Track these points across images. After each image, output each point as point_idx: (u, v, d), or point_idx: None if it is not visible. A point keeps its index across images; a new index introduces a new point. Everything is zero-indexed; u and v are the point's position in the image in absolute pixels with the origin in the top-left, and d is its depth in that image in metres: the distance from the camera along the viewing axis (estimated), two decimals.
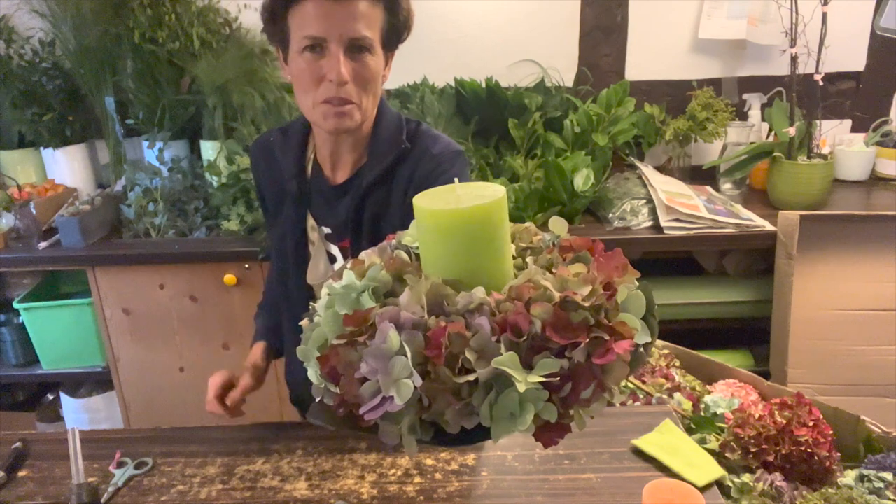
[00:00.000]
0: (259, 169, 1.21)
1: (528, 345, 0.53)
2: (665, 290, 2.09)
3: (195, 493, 1.01)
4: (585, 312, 0.54)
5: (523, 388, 0.51)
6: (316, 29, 0.94)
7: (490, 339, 0.52)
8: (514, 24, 2.27)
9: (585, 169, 2.00)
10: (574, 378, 0.53)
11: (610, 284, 0.57)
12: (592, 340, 0.54)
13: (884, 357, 1.87)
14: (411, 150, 1.09)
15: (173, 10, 2.02)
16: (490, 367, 0.51)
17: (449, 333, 0.52)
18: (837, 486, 1.11)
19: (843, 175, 2.28)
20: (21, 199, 2.02)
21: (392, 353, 0.52)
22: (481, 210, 0.57)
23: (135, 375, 2.07)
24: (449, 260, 0.58)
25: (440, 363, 0.51)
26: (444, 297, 0.55)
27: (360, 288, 0.58)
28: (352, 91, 0.99)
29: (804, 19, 1.95)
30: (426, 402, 0.53)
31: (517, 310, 0.53)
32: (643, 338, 0.58)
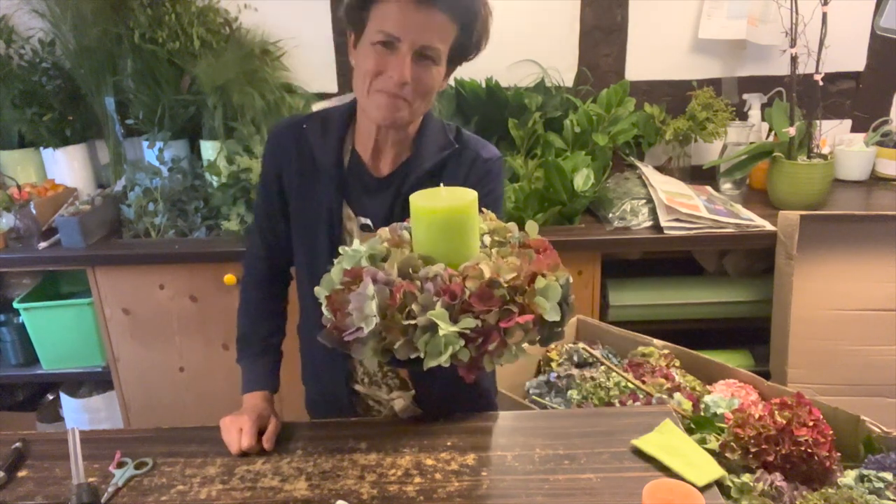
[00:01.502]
0: (285, 155, 1.17)
1: (459, 307, 0.76)
2: (665, 290, 2.10)
3: (195, 493, 1.01)
4: (503, 290, 0.77)
5: (442, 333, 0.74)
6: (393, 27, 0.98)
7: (432, 298, 0.76)
8: (514, 24, 2.26)
9: (585, 169, 2.00)
10: (485, 334, 0.76)
11: (534, 274, 0.79)
12: (503, 310, 0.77)
13: (884, 357, 1.87)
14: (461, 151, 1.14)
15: (173, 10, 2.02)
16: (426, 317, 0.75)
17: (404, 290, 0.77)
18: (837, 486, 1.11)
19: (843, 175, 2.28)
20: (21, 199, 2.02)
21: (367, 298, 0.77)
22: (452, 210, 0.81)
23: (135, 375, 2.07)
24: (429, 241, 0.82)
25: (394, 309, 0.76)
26: (412, 265, 0.80)
27: (362, 253, 0.83)
28: (408, 92, 1.02)
29: (804, 19, 1.96)
30: (384, 335, 0.77)
31: (456, 282, 0.77)
32: (552, 316, 0.78)
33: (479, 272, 0.77)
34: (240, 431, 1.09)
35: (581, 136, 2.13)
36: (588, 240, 1.94)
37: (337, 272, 0.82)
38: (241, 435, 1.09)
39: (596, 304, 2.01)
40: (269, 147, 1.19)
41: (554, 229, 1.99)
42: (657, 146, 2.33)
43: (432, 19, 0.99)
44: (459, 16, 1.01)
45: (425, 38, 0.99)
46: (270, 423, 1.13)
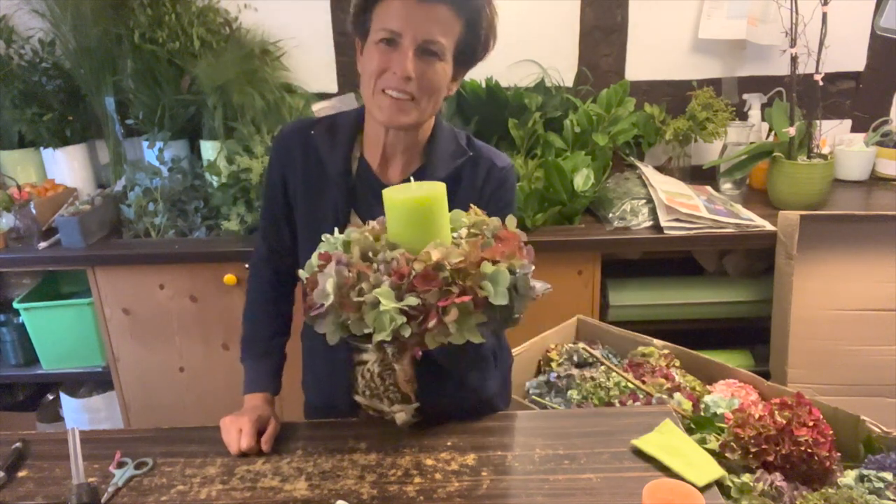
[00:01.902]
0: (291, 161, 1.16)
1: (406, 287, 0.81)
2: (665, 290, 2.10)
3: (195, 493, 1.01)
4: (447, 273, 0.82)
5: (383, 309, 0.80)
6: (394, 23, 0.99)
7: (382, 278, 0.82)
8: (514, 24, 2.26)
9: (585, 169, 2.00)
10: (424, 313, 0.81)
11: (484, 259, 0.83)
12: (443, 290, 0.81)
13: (884, 357, 1.87)
14: (475, 159, 1.13)
15: (173, 10, 2.02)
16: (372, 294, 0.81)
17: (358, 270, 0.83)
18: (837, 486, 1.11)
19: (843, 175, 2.28)
20: (21, 199, 2.02)
21: (329, 277, 0.83)
22: (418, 199, 0.86)
23: (135, 375, 2.07)
24: (399, 230, 0.88)
25: (348, 287, 0.83)
26: (372, 250, 0.87)
27: (339, 241, 0.91)
28: (413, 88, 1.01)
29: (804, 19, 1.96)
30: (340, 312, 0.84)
31: (405, 264, 0.82)
32: (499, 300, 0.82)
33: (427, 255, 0.82)
34: (239, 432, 1.09)
35: (581, 136, 2.13)
36: (588, 240, 1.94)
37: (315, 256, 0.89)
38: (241, 436, 1.09)
39: (596, 304, 2.01)
40: (274, 152, 1.18)
41: (554, 229, 1.99)
42: (657, 146, 2.33)
43: (434, 13, 0.99)
44: (463, 10, 1.01)
45: (427, 31, 0.99)
46: (270, 425, 1.12)
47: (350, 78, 2.32)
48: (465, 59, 1.07)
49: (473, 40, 1.05)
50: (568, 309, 1.85)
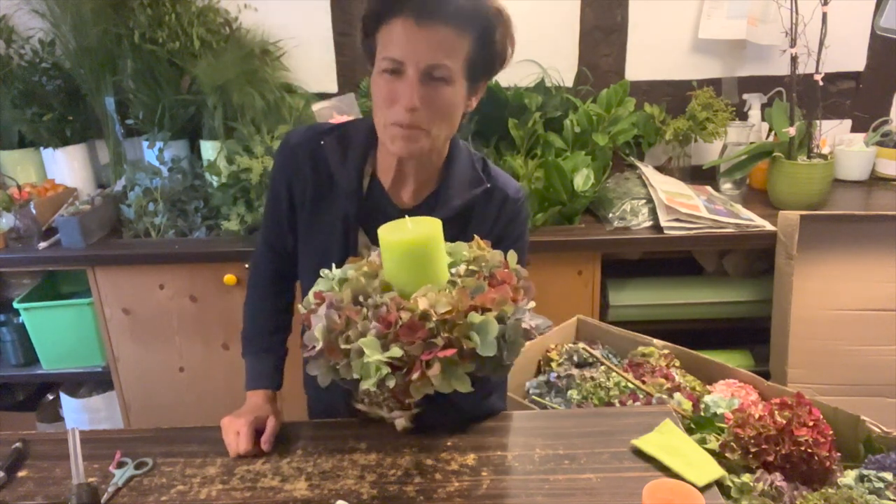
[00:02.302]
0: (299, 169, 1.11)
1: (393, 336, 0.80)
2: (665, 290, 2.10)
3: (195, 493, 1.01)
4: (433, 324, 0.80)
5: (366, 360, 0.79)
6: (396, 51, 0.95)
7: (369, 326, 0.81)
8: (514, 24, 2.26)
9: (585, 169, 2.00)
10: (409, 364, 0.80)
11: (474, 308, 0.82)
12: (427, 343, 0.80)
13: (884, 357, 1.87)
14: (491, 190, 1.10)
15: (173, 10, 2.02)
16: (357, 343, 0.80)
17: (346, 316, 0.82)
18: (837, 486, 1.11)
19: (843, 175, 2.28)
20: (21, 199, 2.02)
21: (320, 320, 0.83)
22: (412, 242, 0.85)
23: (135, 375, 2.07)
24: (393, 270, 0.87)
25: (336, 333, 0.82)
26: (363, 292, 0.86)
27: (336, 278, 0.89)
28: (422, 118, 0.97)
29: (804, 19, 1.96)
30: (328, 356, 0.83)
31: (392, 312, 0.81)
32: (486, 351, 0.80)
33: (414, 304, 0.81)
34: (237, 435, 1.09)
35: (581, 136, 2.13)
36: (588, 240, 1.94)
37: (311, 294, 0.88)
38: (239, 438, 1.08)
39: (596, 304, 2.01)
40: (281, 158, 1.14)
41: (554, 229, 1.99)
42: (657, 146, 2.33)
43: (436, 36, 0.94)
44: (469, 27, 0.96)
45: (430, 56, 0.94)
46: (268, 424, 1.11)
47: (350, 78, 2.32)
48: (480, 74, 1.02)
49: (487, 55, 1.00)
50: (568, 309, 1.85)
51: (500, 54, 1.02)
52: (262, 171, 1.96)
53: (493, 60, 1.02)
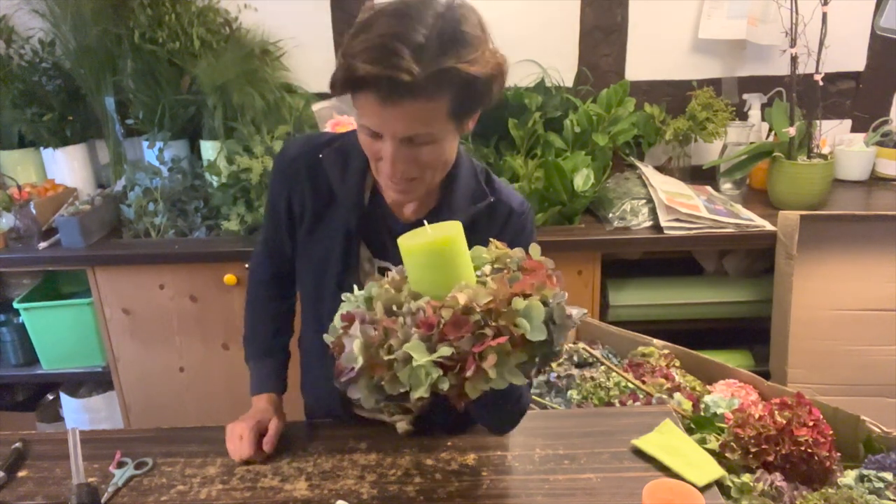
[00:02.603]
0: (298, 182, 1.08)
1: (437, 337, 0.76)
2: (665, 290, 2.10)
3: (195, 493, 1.01)
4: (478, 316, 0.76)
5: (416, 364, 0.75)
6: (370, 122, 0.90)
7: (410, 331, 0.77)
8: (514, 24, 2.26)
9: (585, 169, 2.00)
10: (461, 361, 0.75)
11: (515, 295, 0.78)
12: (477, 335, 0.76)
13: (884, 357, 1.87)
14: (494, 204, 1.07)
15: (173, 10, 2.02)
16: (402, 350, 0.75)
17: (384, 327, 0.78)
18: (837, 486, 1.11)
19: (843, 175, 2.28)
20: (21, 199, 2.02)
21: (355, 338, 0.78)
22: (433, 244, 0.81)
23: (135, 375, 2.07)
24: (419, 278, 0.83)
25: (376, 345, 0.78)
26: (395, 303, 0.82)
27: (360, 298, 0.85)
28: (412, 171, 0.93)
29: (804, 19, 1.96)
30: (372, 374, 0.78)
31: (432, 313, 0.77)
32: (536, 335, 0.76)
33: (454, 301, 0.77)
34: (240, 440, 1.08)
35: (581, 136, 2.13)
36: (588, 240, 1.94)
37: (338, 318, 0.84)
38: (241, 444, 1.08)
39: (596, 304, 2.01)
40: (280, 171, 1.11)
41: (554, 229, 1.99)
42: (657, 146, 2.33)
43: (406, 111, 0.86)
44: (443, 90, 0.86)
45: (405, 130, 0.89)
46: (271, 425, 1.11)
47: None
48: (468, 115, 0.95)
49: (472, 102, 0.92)
50: None
51: (488, 95, 0.93)
52: (262, 171, 1.96)
53: (481, 102, 0.94)
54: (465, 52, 0.87)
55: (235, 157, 2.01)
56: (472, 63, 0.87)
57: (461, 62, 0.86)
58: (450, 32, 0.87)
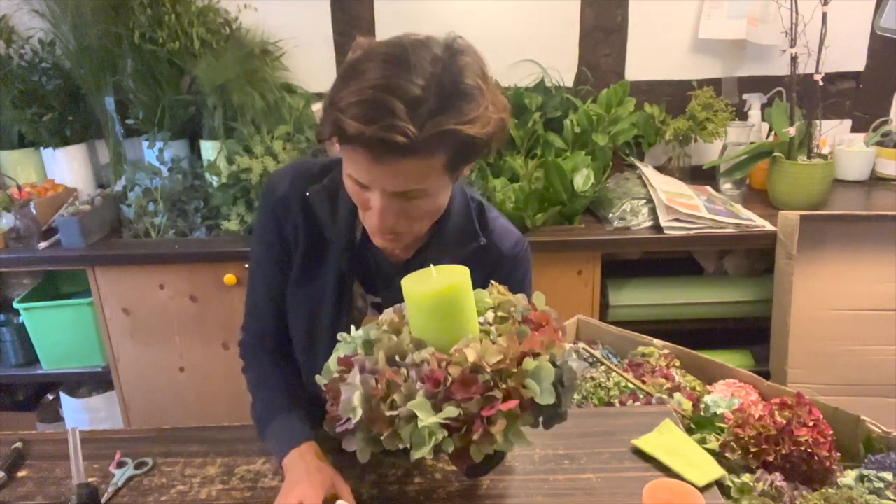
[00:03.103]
0: (290, 223, 1.02)
1: (443, 395, 0.72)
2: (665, 290, 2.10)
3: (195, 493, 1.01)
4: (487, 376, 0.73)
5: (422, 425, 0.71)
6: (359, 176, 0.84)
7: (415, 387, 0.73)
8: (514, 24, 2.26)
9: (585, 169, 2.00)
10: (468, 423, 0.72)
11: (525, 354, 0.75)
12: (486, 397, 0.72)
13: (884, 357, 1.87)
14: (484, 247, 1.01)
15: (173, 10, 2.02)
16: (407, 408, 0.72)
17: (387, 380, 0.73)
18: (837, 486, 1.11)
19: (843, 175, 2.28)
20: (21, 199, 2.02)
21: (355, 388, 0.74)
22: (441, 292, 0.77)
23: (135, 375, 2.07)
24: (422, 324, 0.79)
25: (377, 399, 0.73)
26: (399, 353, 0.77)
27: (358, 340, 0.81)
28: (400, 225, 0.88)
29: (804, 19, 1.96)
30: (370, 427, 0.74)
31: (439, 368, 0.73)
32: (545, 399, 0.73)
33: (462, 357, 0.73)
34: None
35: (581, 136, 2.13)
36: (588, 240, 1.94)
37: (333, 360, 0.80)
38: None
39: (596, 304, 2.01)
40: (270, 210, 1.03)
41: (554, 229, 1.99)
42: (657, 146, 2.33)
43: (399, 169, 0.80)
44: (439, 148, 0.80)
45: (398, 186, 0.83)
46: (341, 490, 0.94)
47: None
48: (463, 167, 0.89)
49: (468, 157, 0.86)
50: (568, 309, 1.85)
51: (487, 149, 0.87)
52: (262, 170, 1.96)
53: (479, 155, 0.89)
54: (467, 109, 0.79)
55: (235, 157, 2.01)
56: (473, 123, 0.80)
57: (462, 123, 0.79)
58: (450, 86, 0.79)
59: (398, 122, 0.76)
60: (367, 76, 0.78)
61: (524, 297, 0.85)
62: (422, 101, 0.77)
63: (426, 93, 0.77)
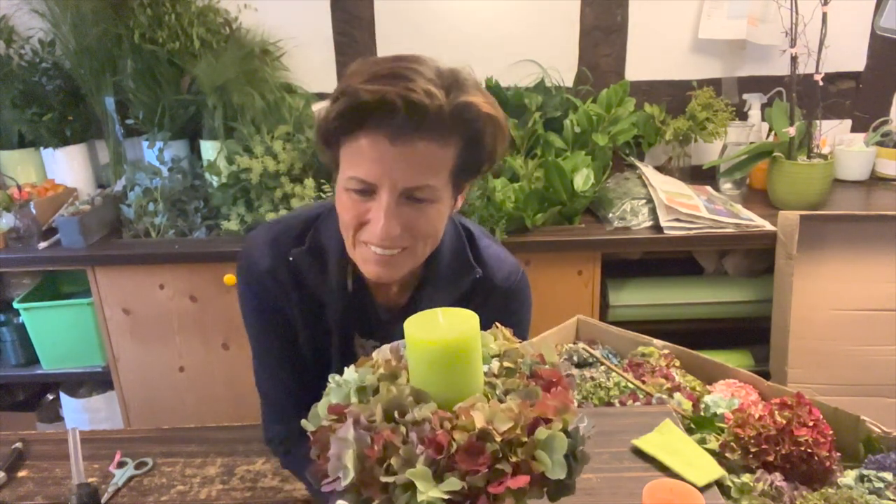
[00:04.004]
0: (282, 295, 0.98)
1: (445, 462, 0.64)
2: (665, 290, 2.10)
3: (195, 493, 1.01)
4: (497, 445, 0.64)
5: (422, 499, 0.62)
6: (366, 172, 0.79)
7: (415, 451, 0.64)
8: (514, 24, 2.26)
9: (585, 169, 2.00)
10: (472, 498, 0.63)
11: (537, 421, 0.66)
12: (494, 470, 0.64)
13: (884, 357, 1.87)
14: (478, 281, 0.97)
15: (173, 10, 2.02)
16: (405, 475, 0.63)
17: (384, 441, 0.65)
18: (837, 486, 1.11)
19: (843, 175, 2.28)
20: (21, 199, 2.02)
21: (347, 444, 0.65)
22: (449, 343, 0.68)
23: (135, 375, 2.07)
24: (424, 374, 0.70)
25: (372, 461, 0.64)
26: (399, 407, 0.68)
27: (351, 385, 0.72)
28: (403, 239, 0.83)
29: (804, 19, 1.96)
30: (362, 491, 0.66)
31: (442, 432, 0.64)
32: (556, 474, 0.65)
33: (470, 421, 0.65)
34: None
35: (581, 136, 2.13)
36: (588, 240, 1.94)
37: (323, 406, 0.73)
38: None
39: (596, 304, 2.01)
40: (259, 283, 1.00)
41: (554, 229, 1.99)
42: (657, 146, 2.33)
43: (415, 153, 0.78)
44: (455, 134, 0.80)
45: (410, 178, 0.79)
46: None
47: None
48: (466, 179, 0.88)
49: (475, 160, 0.85)
50: (568, 309, 1.85)
51: (490, 157, 0.86)
52: (261, 170, 1.96)
53: (482, 164, 0.87)
54: (479, 92, 0.81)
55: (235, 157, 2.01)
56: (489, 102, 0.81)
57: (479, 100, 0.80)
58: (460, 77, 0.81)
59: (422, 86, 0.74)
60: (379, 63, 0.79)
61: (531, 345, 0.78)
62: (438, 80, 0.77)
63: (441, 77, 0.78)
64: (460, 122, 0.79)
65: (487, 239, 1.03)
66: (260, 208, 1.97)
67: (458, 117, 0.79)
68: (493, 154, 0.86)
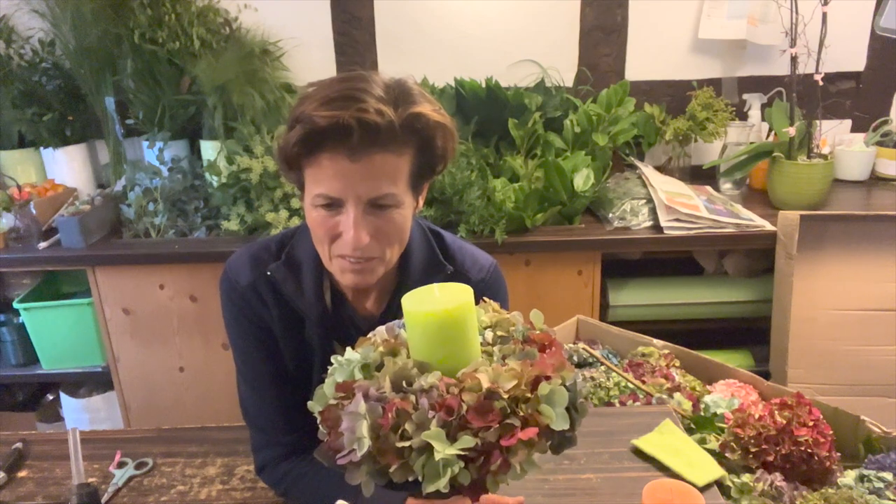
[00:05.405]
0: (263, 309, 1.00)
1: (457, 422, 0.67)
2: (665, 290, 2.10)
3: (195, 493, 1.01)
4: (504, 402, 0.68)
5: (439, 457, 0.66)
6: (329, 188, 0.85)
7: (427, 415, 0.68)
8: (514, 24, 2.27)
9: (585, 169, 2.00)
10: (485, 453, 0.68)
11: (538, 379, 0.70)
12: (504, 426, 0.68)
13: (884, 357, 1.87)
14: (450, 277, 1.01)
15: (173, 10, 2.02)
16: (421, 438, 0.67)
17: (396, 408, 0.68)
18: (837, 486, 1.11)
19: (843, 175, 2.28)
20: (21, 199, 2.02)
21: (359, 417, 0.68)
22: (447, 313, 0.72)
23: (135, 375, 2.07)
24: (425, 346, 0.73)
25: (387, 430, 0.68)
26: (406, 377, 0.71)
27: (354, 363, 0.75)
28: (373, 247, 0.89)
29: (804, 19, 1.96)
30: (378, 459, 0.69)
31: (453, 394, 0.68)
32: (560, 425, 0.69)
33: (476, 383, 0.69)
34: None
35: (581, 136, 2.13)
36: (588, 240, 1.94)
37: (329, 385, 0.75)
38: None
39: (596, 304, 2.01)
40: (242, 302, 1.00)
41: (554, 229, 1.99)
42: (657, 146, 2.33)
43: (374, 165, 0.83)
44: (409, 142, 0.86)
45: (372, 189, 0.85)
46: None
47: None
48: (423, 180, 0.93)
49: (430, 160, 0.91)
50: (568, 309, 1.85)
51: (443, 158, 0.93)
52: (261, 170, 1.96)
53: (436, 165, 0.93)
54: (426, 101, 0.87)
55: (235, 157, 2.01)
56: (437, 110, 0.87)
57: (427, 109, 0.85)
58: (406, 89, 0.86)
59: (373, 105, 0.80)
60: (327, 87, 0.84)
61: (520, 314, 0.82)
62: (386, 98, 0.83)
63: (388, 93, 0.84)
64: (411, 131, 0.85)
65: (457, 240, 1.08)
66: (260, 208, 1.97)
67: (409, 128, 0.85)
68: (444, 155, 0.92)
